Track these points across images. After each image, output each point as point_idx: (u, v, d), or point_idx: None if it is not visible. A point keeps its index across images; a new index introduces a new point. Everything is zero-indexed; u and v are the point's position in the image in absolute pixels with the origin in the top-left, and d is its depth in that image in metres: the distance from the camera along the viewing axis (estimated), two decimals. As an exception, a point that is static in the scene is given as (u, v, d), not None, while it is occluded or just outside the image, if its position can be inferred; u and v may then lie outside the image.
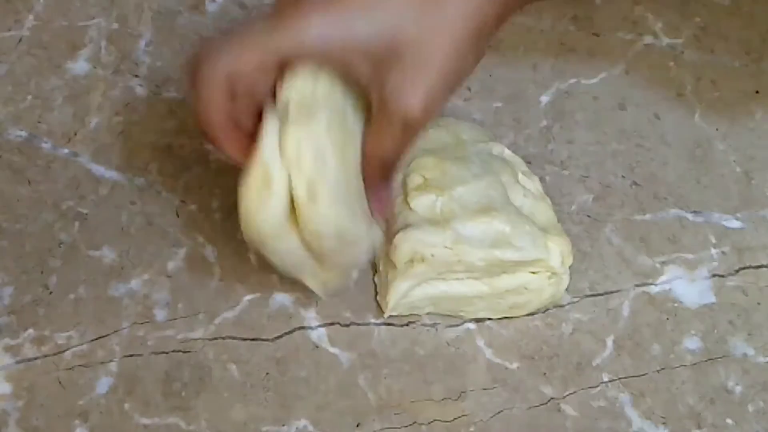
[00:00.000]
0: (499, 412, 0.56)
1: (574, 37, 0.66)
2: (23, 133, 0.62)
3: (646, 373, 0.57)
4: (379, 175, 0.52)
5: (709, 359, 0.58)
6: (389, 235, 0.57)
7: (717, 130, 0.64)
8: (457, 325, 0.58)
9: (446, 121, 0.62)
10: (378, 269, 0.59)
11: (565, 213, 0.61)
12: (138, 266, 0.59)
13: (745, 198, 0.62)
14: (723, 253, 0.61)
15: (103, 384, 0.56)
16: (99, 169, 0.61)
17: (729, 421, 0.56)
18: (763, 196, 0.62)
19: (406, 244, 0.57)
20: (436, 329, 0.58)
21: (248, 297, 0.58)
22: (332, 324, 0.58)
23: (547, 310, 0.59)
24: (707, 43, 0.66)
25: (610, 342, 0.58)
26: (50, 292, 0.58)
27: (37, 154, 0.62)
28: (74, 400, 0.56)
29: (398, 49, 0.47)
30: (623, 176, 0.63)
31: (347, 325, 0.58)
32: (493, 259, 0.57)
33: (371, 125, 0.50)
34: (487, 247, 0.57)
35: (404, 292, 0.57)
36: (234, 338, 0.58)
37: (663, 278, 0.60)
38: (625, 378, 0.57)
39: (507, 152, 0.61)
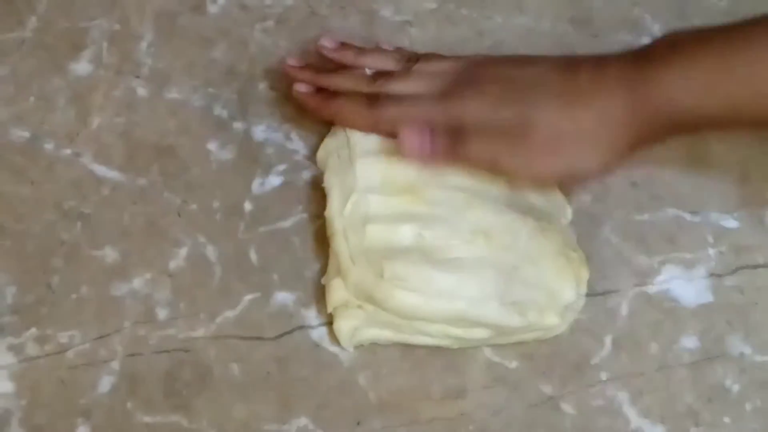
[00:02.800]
0: (498, 411, 0.56)
1: (573, 38, 0.67)
2: (26, 134, 0.63)
3: (644, 372, 0.58)
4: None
5: (707, 358, 0.58)
6: (334, 268, 0.57)
7: (715, 130, 0.64)
8: (457, 325, 0.59)
9: None
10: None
11: (563, 213, 0.61)
12: (140, 266, 0.59)
13: (743, 198, 0.62)
14: (720, 252, 0.61)
15: (105, 383, 0.56)
16: (101, 170, 0.62)
17: (726, 419, 0.57)
18: (760, 196, 0.63)
19: (337, 292, 0.56)
20: (436, 328, 0.59)
21: (249, 296, 0.59)
22: (333, 323, 0.58)
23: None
24: (705, 45, 0.66)
25: (608, 341, 0.58)
26: (53, 292, 0.58)
27: (40, 154, 0.62)
28: (76, 399, 0.56)
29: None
30: (621, 176, 0.63)
31: (347, 325, 0.58)
32: (450, 334, 0.56)
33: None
34: (440, 321, 0.55)
35: (350, 333, 0.56)
36: (235, 337, 0.58)
37: (661, 278, 0.60)
38: (623, 377, 0.57)
39: None
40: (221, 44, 0.66)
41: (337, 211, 0.56)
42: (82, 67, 0.65)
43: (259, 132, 0.63)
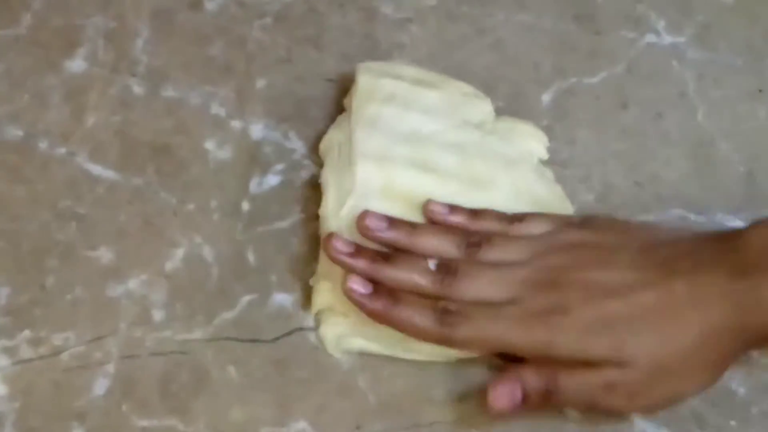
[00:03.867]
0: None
1: (575, 35, 0.66)
2: (20, 133, 0.62)
3: (649, 375, 0.57)
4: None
5: (713, 360, 0.57)
6: (324, 269, 0.56)
7: (720, 129, 0.64)
8: (458, 326, 0.58)
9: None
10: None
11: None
12: (135, 266, 0.59)
13: (748, 198, 0.62)
14: (726, 253, 0.60)
15: (101, 385, 0.56)
16: (96, 169, 0.61)
17: (732, 423, 0.56)
18: (766, 197, 0.62)
19: (323, 295, 0.55)
20: (437, 330, 0.58)
21: (247, 298, 0.58)
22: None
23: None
24: (710, 42, 0.66)
25: (612, 343, 0.58)
26: (47, 293, 0.58)
27: (34, 153, 0.62)
28: (71, 402, 0.55)
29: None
30: (625, 176, 0.62)
31: (347, 326, 0.58)
32: (443, 353, 0.55)
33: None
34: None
35: (334, 340, 0.56)
36: (232, 339, 0.57)
37: (665, 279, 0.59)
38: (627, 379, 0.57)
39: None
40: (218, 41, 0.65)
41: (333, 212, 0.56)
42: (77, 64, 0.64)
43: (257, 131, 0.63)
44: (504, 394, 0.52)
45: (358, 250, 0.54)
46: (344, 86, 0.63)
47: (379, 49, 0.65)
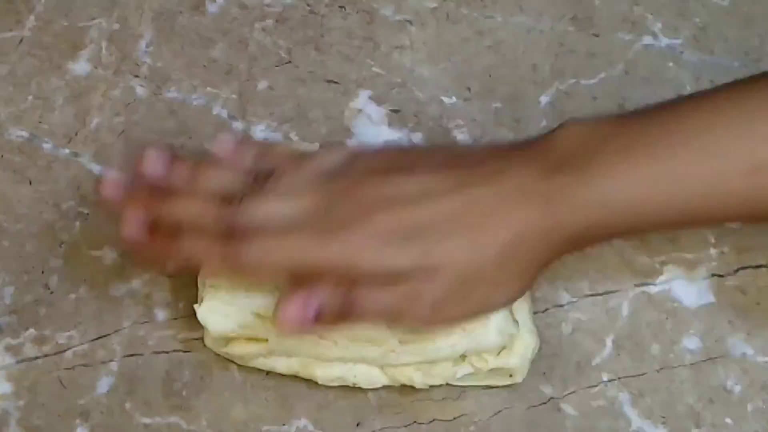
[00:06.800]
0: (498, 412, 0.56)
1: (573, 37, 0.66)
2: (24, 134, 0.62)
3: (646, 373, 0.57)
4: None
5: (709, 359, 0.58)
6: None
7: (716, 130, 0.64)
8: (457, 325, 0.58)
9: None
10: None
11: (564, 213, 0.61)
12: (138, 266, 0.59)
13: (744, 198, 0.62)
14: (722, 253, 0.61)
15: (104, 383, 0.56)
16: (99, 169, 0.61)
17: (728, 420, 0.56)
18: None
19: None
20: (436, 329, 0.58)
21: (249, 297, 0.58)
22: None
23: (547, 310, 0.59)
24: (706, 44, 0.66)
25: (609, 342, 0.58)
26: (51, 292, 0.58)
27: (38, 154, 0.62)
28: (75, 400, 0.56)
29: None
30: (623, 176, 0.62)
31: (347, 325, 0.58)
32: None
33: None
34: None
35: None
36: (234, 338, 0.58)
37: (662, 278, 0.60)
38: (624, 377, 0.57)
39: None
40: (220, 43, 0.66)
41: None
42: (80, 66, 0.64)
43: (259, 132, 0.63)
44: (294, 310, 0.48)
45: (134, 188, 0.51)
46: (345, 87, 0.64)
47: (378, 51, 0.66)
